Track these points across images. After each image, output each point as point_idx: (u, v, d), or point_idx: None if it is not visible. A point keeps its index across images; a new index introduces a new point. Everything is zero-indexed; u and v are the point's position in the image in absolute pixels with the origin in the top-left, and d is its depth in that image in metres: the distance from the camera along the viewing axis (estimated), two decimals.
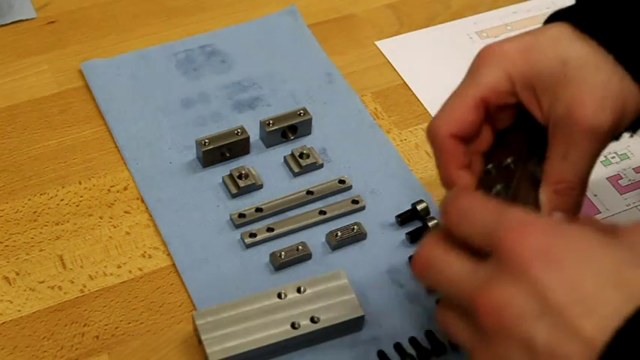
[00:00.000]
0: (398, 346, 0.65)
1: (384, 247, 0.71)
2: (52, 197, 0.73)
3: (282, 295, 0.64)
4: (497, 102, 0.56)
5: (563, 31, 0.56)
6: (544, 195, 0.56)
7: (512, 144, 0.60)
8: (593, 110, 0.53)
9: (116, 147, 0.77)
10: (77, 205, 0.73)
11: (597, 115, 0.54)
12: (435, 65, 0.87)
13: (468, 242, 0.49)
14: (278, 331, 0.63)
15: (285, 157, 0.76)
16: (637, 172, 0.78)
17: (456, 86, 0.57)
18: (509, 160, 0.59)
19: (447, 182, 0.58)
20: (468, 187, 0.57)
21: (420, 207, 0.73)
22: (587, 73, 0.54)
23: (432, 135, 0.57)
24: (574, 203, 0.56)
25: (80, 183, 0.74)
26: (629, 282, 0.44)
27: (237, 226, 0.71)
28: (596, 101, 0.53)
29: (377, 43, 0.88)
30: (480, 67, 0.56)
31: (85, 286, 0.68)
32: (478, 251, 0.49)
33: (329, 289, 0.63)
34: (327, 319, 0.64)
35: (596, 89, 0.54)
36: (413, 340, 0.65)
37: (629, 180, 0.78)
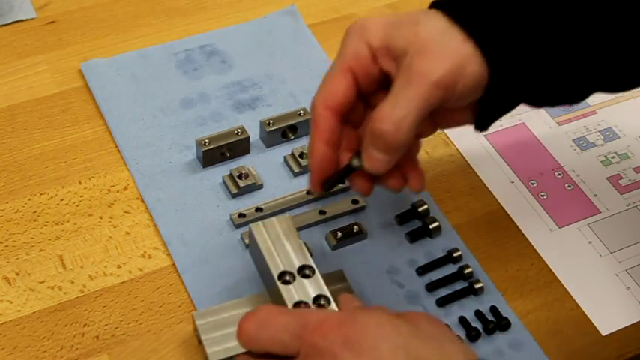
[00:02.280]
0: None
1: (384, 247, 0.71)
2: (52, 197, 0.73)
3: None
4: (362, 69, 0.59)
5: (432, 16, 0.58)
6: (369, 127, 0.57)
7: None
8: (427, 62, 0.56)
9: (116, 147, 0.77)
10: (77, 205, 0.73)
11: (432, 64, 0.56)
12: None
13: (269, 350, 0.56)
14: None
15: (285, 157, 0.76)
16: (637, 172, 0.78)
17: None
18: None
19: (310, 153, 0.60)
20: (327, 164, 0.60)
21: (420, 207, 0.73)
22: (437, 39, 0.56)
23: (311, 109, 0.60)
24: (389, 145, 0.57)
25: (80, 183, 0.74)
26: (417, 353, 0.53)
27: (237, 226, 0.71)
28: (434, 57, 0.56)
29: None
30: (345, 40, 0.60)
31: (85, 286, 0.68)
32: None
33: (329, 289, 0.63)
34: None
35: (437, 48, 0.56)
36: None
37: (629, 180, 0.78)
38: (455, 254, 0.70)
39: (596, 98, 0.84)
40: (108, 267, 0.69)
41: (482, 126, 0.61)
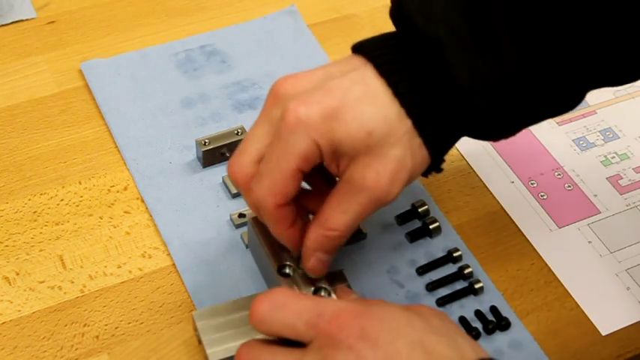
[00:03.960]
0: None
1: (384, 247, 0.71)
2: (52, 197, 0.73)
3: None
4: (309, 167, 0.58)
5: (368, 89, 0.58)
6: (313, 234, 0.60)
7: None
8: (385, 185, 0.58)
9: (116, 147, 0.77)
10: (77, 205, 0.73)
11: (387, 188, 0.58)
12: None
13: (280, 334, 0.55)
14: None
15: None
16: (637, 172, 0.78)
17: (270, 150, 0.58)
18: None
19: (286, 243, 0.62)
20: (300, 241, 0.61)
21: (419, 207, 0.73)
22: (387, 145, 0.57)
23: (259, 206, 0.59)
24: (335, 248, 0.61)
25: (80, 183, 0.74)
26: (432, 349, 0.53)
27: (237, 226, 0.71)
28: (390, 176, 0.58)
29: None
30: (289, 135, 0.57)
31: (85, 286, 0.68)
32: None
33: (330, 290, 0.63)
34: None
35: (391, 163, 0.58)
36: None
37: (629, 180, 0.78)
38: (455, 254, 0.70)
39: (596, 98, 0.84)
40: (108, 267, 0.69)
41: (426, 175, 0.63)
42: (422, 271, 0.70)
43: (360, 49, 0.60)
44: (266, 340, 0.57)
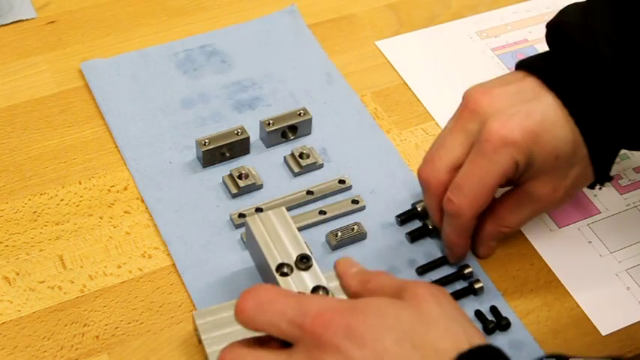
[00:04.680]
0: None
1: (384, 247, 0.71)
2: (52, 197, 0.73)
3: None
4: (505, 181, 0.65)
5: (558, 115, 0.64)
6: (489, 228, 0.68)
7: None
8: (559, 198, 0.67)
9: (116, 147, 0.77)
10: (77, 205, 0.73)
11: (560, 201, 0.68)
12: (434, 65, 0.87)
13: (266, 332, 0.54)
14: None
15: (285, 157, 0.76)
16: (637, 172, 0.78)
17: (472, 165, 0.64)
18: None
19: (459, 249, 0.69)
20: (466, 251, 0.70)
21: (420, 207, 0.73)
22: (569, 166, 0.65)
23: (456, 215, 0.66)
24: (502, 238, 0.70)
25: (80, 183, 0.74)
26: (422, 341, 0.52)
27: (237, 226, 0.71)
28: (565, 192, 0.67)
29: (377, 43, 0.88)
30: (494, 155, 0.63)
31: (85, 286, 0.68)
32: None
33: (329, 289, 0.63)
34: None
35: (568, 181, 0.66)
36: None
37: (629, 180, 0.78)
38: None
39: None
40: (108, 267, 0.69)
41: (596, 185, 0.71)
42: (422, 271, 0.70)
43: (531, 66, 0.66)
44: (250, 342, 0.56)
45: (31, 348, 0.64)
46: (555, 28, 0.67)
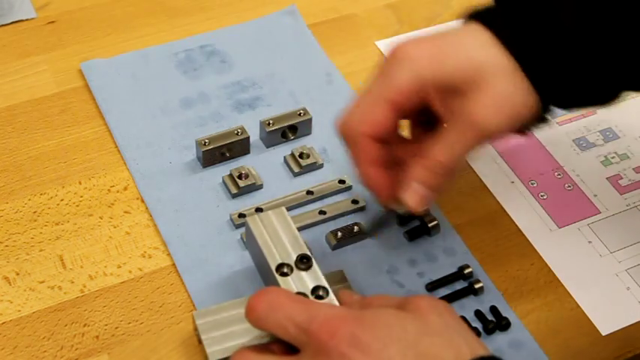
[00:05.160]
0: None
1: (384, 247, 0.71)
2: (52, 197, 0.73)
3: None
4: (405, 102, 0.59)
5: (477, 36, 0.59)
6: (415, 166, 0.60)
7: None
8: (490, 116, 0.58)
9: (116, 147, 0.77)
10: (77, 205, 0.73)
11: (491, 120, 0.58)
12: None
13: (274, 333, 0.55)
14: None
15: (285, 157, 0.76)
16: (637, 172, 0.78)
17: (368, 84, 0.59)
18: None
19: (364, 180, 0.62)
20: (385, 187, 0.62)
21: None
22: (496, 80, 0.58)
23: (345, 132, 0.60)
24: (436, 182, 0.61)
25: (80, 183, 0.74)
26: (427, 352, 0.52)
27: (237, 226, 0.71)
28: (496, 109, 0.58)
29: (377, 43, 0.88)
30: (391, 68, 0.58)
31: (85, 286, 0.68)
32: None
33: (329, 290, 0.63)
34: None
35: (498, 97, 0.58)
36: None
37: (629, 180, 0.78)
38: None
39: None
40: (108, 267, 0.69)
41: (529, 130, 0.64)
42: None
43: (471, 14, 0.61)
44: (259, 348, 0.57)
45: (31, 348, 0.64)
46: None
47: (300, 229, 0.71)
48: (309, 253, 0.63)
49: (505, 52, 0.58)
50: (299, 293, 0.61)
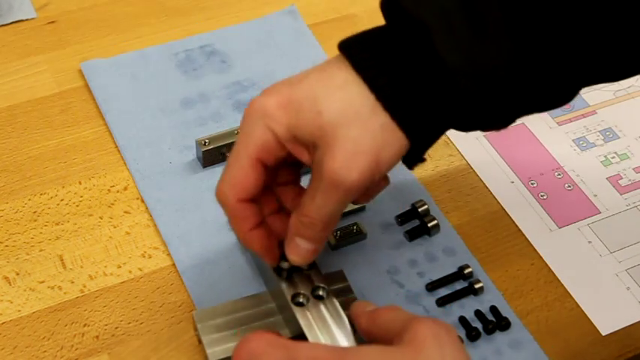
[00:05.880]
0: None
1: (384, 247, 0.71)
2: (52, 197, 0.73)
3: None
4: (270, 157, 0.57)
5: (337, 76, 0.56)
6: (292, 219, 0.58)
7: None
8: (339, 166, 0.54)
9: (116, 147, 0.77)
10: (77, 205, 0.73)
11: (343, 171, 0.54)
12: None
13: None
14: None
15: None
16: (637, 172, 0.78)
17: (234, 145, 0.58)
18: None
19: (246, 244, 0.60)
20: (269, 249, 0.60)
21: (420, 207, 0.73)
22: (350, 129, 0.55)
23: (220, 201, 0.59)
24: (315, 236, 0.58)
25: (80, 183, 0.74)
26: None
27: None
28: (345, 157, 0.54)
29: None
30: (247, 125, 0.57)
31: (85, 286, 0.68)
32: None
33: (329, 290, 0.63)
34: None
35: (352, 147, 0.55)
36: None
37: (629, 180, 0.78)
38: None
39: (596, 98, 0.84)
40: (108, 267, 0.69)
41: (411, 165, 0.60)
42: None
43: (340, 44, 0.59)
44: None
45: (31, 348, 0.64)
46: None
47: None
48: None
49: (364, 90, 0.55)
50: (298, 294, 0.61)
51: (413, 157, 0.59)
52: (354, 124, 0.55)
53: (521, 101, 0.58)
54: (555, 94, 0.59)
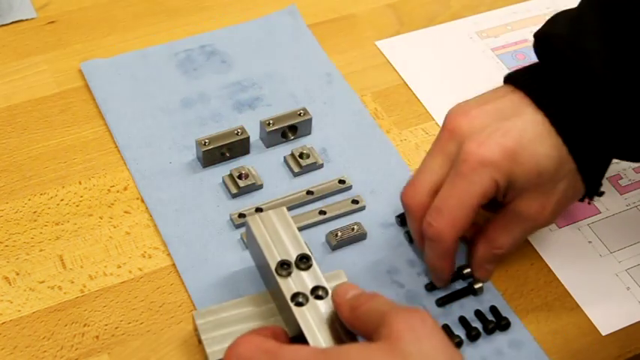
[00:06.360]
0: None
1: (384, 247, 0.71)
2: (52, 197, 0.73)
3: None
4: (486, 202, 0.64)
5: (540, 130, 0.63)
6: (482, 250, 0.67)
7: None
8: (548, 215, 0.65)
9: (116, 147, 0.77)
10: (77, 205, 0.73)
11: (549, 217, 0.66)
12: (434, 65, 0.87)
13: None
14: None
15: (285, 157, 0.76)
16: (637, 172, 0.78)
17: (450, 186, 0.63)
18: None
19: (444, 273, 0.67)
20: (450, 273, 0.68)
21: None
22: (554, 182, 0.64)
23: (438, 239, 0.64)
24: (500, 261, 0.69)
25: (80, 183, 0.74)
26: None
27: (237, 226, 0.71)
28: (553, 208, 0.65)
29: (377, 43, 0.88)
30: (472, 175, 0.62)
31: (85, 286, 0.68)
32: None
33: (328, 289, 0.63)
34: None
35: (555, 196, 0.65)
36: None
37: (629, 180, 0.78)
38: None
39: None
40: (108, 267, 0.69)
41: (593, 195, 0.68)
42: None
43: (517, 81, 0.65)
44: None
45: (31, 348, 0.64)
46: (543, 40, 0.66)
47: (300, 229, 0.71)
48: (309, 253, 0.63)
49: (561, 146, 0.63)
50: (297, 294, 0.61)
51: (586, 195, 0.68)
52: (563, 180, 0.64)
53: None
54: None
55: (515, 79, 0.66)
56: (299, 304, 0.61)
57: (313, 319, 0.59)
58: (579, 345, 0.67)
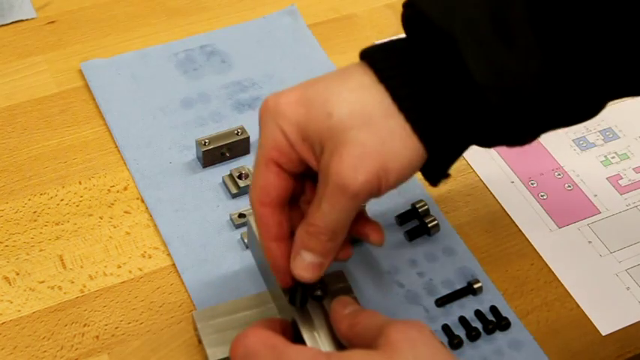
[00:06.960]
0: None
1: (384, 247, 0.71)
2: (52, 197, 0.73)
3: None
4: (284, 158, 0.56)
5: (352, 80, 0.55)
6: (298, 232, 0.56)
7: None
8: (346, 167, 0.52)
9: (116, 147, 0.77)
10: (77, 205, 0.73)
11: (349, 172, 0.52)
12: None
13: None
14: None
15: None
16: (637, 172, 0.78)
17: None
18: None
19: (265, 254, 0.58)
20: (285, 260, 0.57)
21: (420, 207, 0.73)
22: (360, 132, 0.53)
23: (251, 205, 0.57)
24: (321, 248, 0.56)
25: (80, 183, 0.74)
26: None
27: (237, 226, 0.71)
28: (352, 160, 0.52)
29: (377, 43, 0.88)
30: (261, 125, 0.56)
31: (85, 286, 0.68)
32: None
33: (329, 290, 0.63)
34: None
35: (355, 148, 0.52)
36: None
37: (629, 180, 0.78)
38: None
39: None
40: (108, 267, 0.69)
41: (434, 182, 0.58)
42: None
43: (362, 52, 0.57)
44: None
45: (31, 348, 0.64)
46: (410, 3, 0.57)
47: None
48: None
49: (380, 93, 0.54)
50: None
51: (434, 172, 0.57)
52: (365, 127, 0.53)
53: (550, 116, 0.56)
54: (583, 108, 0.57)
55: (365, 52, 0.57)
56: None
57: (312, 319, 0.59)
58: (579, 345, 0.67)
